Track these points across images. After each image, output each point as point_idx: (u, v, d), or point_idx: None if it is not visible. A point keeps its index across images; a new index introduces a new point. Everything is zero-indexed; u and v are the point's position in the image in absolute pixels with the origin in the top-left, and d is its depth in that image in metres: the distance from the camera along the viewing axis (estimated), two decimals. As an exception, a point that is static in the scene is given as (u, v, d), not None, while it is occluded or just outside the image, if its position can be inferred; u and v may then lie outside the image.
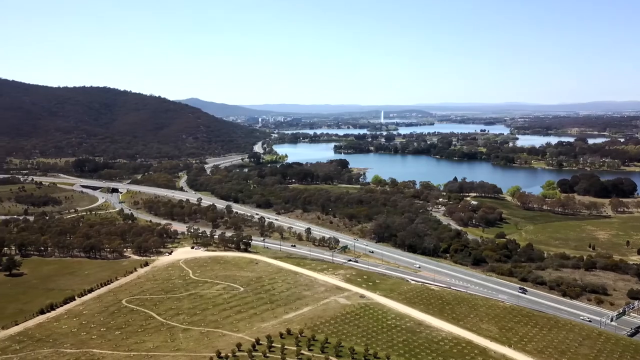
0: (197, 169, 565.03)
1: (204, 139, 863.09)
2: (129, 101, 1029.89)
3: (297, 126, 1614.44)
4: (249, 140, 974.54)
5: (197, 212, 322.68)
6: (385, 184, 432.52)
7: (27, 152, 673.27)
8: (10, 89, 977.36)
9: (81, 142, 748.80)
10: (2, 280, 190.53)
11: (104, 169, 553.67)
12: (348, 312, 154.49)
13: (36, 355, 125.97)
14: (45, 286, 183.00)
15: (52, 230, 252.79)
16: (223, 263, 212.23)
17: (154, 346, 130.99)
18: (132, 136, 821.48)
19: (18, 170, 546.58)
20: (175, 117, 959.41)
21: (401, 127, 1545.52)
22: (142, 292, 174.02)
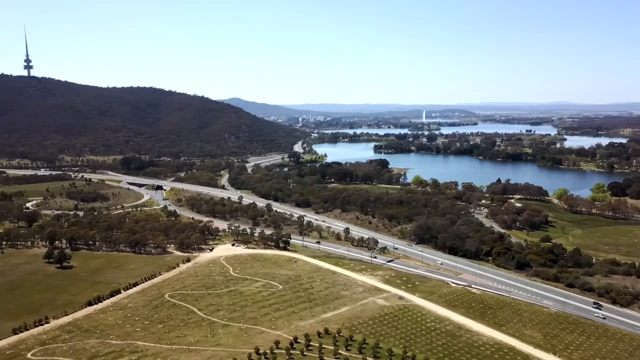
0: (239, 168, 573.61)
1: (246, 138, 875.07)
2: (174, 101, 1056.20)
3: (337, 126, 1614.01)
4: (289, 139, 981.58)
5: (238, 210, 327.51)
6: (427, 185, 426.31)
7: (77, 150, 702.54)
8: (64, 89, 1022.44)
9: (128, 140, 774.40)
10: (54, 272, 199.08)
11: (149, 166, 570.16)
12: (386, 314, 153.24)
13: (84, 345, 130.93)
14: (93, 279, 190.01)
15: (100, 225, 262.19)
16: (262, 261, 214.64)
17: (194, 340, 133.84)
18: (177, 135, 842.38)
19: (69, 167, 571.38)
20: (218, 116, 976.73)
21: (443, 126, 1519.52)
22: (184, 287, 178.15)
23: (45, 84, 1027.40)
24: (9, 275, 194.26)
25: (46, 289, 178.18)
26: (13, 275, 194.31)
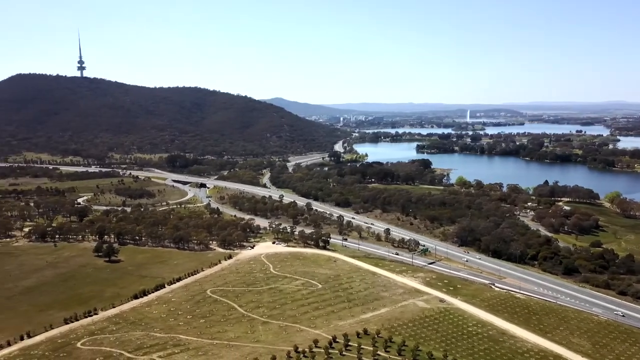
0: (280, 167, 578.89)
1: (287, 138, 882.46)
2: (218, 100, 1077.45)
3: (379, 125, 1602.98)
4: (330, 139, 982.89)
5: (279, 209, 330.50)
6: (470, 186, 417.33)
7: (126, 148, 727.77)
8: (114, 89, 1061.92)
9: (173, 139, 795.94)
10: (103, 265, 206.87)
11: (193, 165, 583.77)
12: (427, 316, 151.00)
13: (129, 337, 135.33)
14: (139, 273, 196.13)
15: (146, 221, 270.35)
16: (302, 259, 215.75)
17: (235, 336, 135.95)
18: (220, 134, 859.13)
19: (118, 165, 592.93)
20: (261, 116, 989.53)
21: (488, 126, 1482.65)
22: (225, 283, 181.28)
23: (97, 85, 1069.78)
24: (61, 267, 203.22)
25: (95, 282, 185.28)
26: (65, 267, 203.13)
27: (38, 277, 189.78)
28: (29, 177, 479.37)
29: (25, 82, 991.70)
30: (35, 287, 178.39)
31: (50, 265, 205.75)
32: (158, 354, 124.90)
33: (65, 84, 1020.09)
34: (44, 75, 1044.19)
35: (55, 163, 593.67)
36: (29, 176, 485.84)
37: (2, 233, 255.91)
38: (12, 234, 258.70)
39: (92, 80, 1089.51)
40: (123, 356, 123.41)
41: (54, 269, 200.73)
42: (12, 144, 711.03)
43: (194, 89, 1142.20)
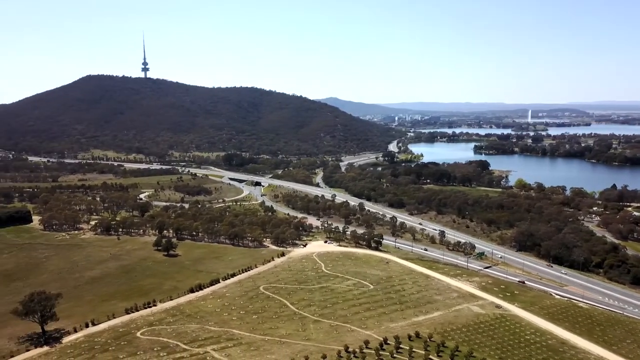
0: (333, 167, 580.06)
1: (341, 137, 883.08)
2: (273, 100, 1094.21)
3: (435, 125, 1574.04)
4: (384, 139, 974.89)
5: (331, 208, 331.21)
6: (530, 189, 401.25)
7: (185, 146, 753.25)
8: (175, 89, 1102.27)
9: (230, 138, 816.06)
10: (162, 259, 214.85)
11: (249, 163, 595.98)
12: (482, 322, 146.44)
13: (185, 329, 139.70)
14: (196, 268, 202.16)
15: (203, 217, 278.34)
16: (354, 259, 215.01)
17: (286, 333, 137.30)
18: (275, 134, 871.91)
19: (177, 162, 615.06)
20: (315, 116, 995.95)
21: (551, 127, 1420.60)
22: (277, 280, 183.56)
23: (159, 85, 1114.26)
24: (123, 259, 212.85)
25: (154, 274, 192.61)
26: (127, 260, 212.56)
27: (102, 268, 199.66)
28: (96, 173, 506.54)
29: (94, 83, 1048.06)
30: (99, 278, 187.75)
31: (114, 257, 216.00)
32: (212, 346, 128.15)
33: (130, 84, 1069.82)
34: (111, 77, 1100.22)
35: (120, 160, 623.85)
36: (96, 172, 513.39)
37: (71, 226, 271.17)
38: (79, 226, 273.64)
39: (155, 81, 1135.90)
40: (179, 347, 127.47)
41: (116, 261, 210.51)
42: (81, 141, 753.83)
43: (251, 89, 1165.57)
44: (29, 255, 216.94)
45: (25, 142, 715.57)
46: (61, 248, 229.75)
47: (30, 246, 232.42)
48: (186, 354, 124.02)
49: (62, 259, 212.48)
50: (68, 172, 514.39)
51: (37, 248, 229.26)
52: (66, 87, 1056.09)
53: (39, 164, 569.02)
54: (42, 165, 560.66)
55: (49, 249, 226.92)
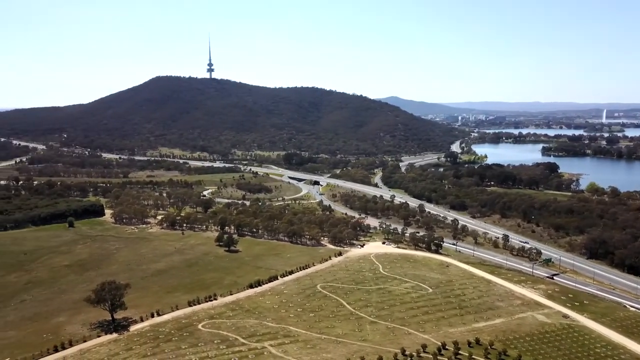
0: (392, 167, 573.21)
1: (401, 137, 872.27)
2: (334, 100, 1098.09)
3: (500, 125, 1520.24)
4: (446, 139, 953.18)
5: (390, 209, 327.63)
6: (604, 193, 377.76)
7: (247, 145, 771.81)
8: (238, 90, 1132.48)
9: (290, 137, 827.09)
10: (223, 254, 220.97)
11: (308, 162, 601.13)
12: (547, 332, 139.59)
13: (244, 324, 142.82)
14: (255, 264, 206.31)
15: (263, 214, 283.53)
16: (413, 262, 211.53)
17: (342, 333, 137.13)
18: (334, 133, 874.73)
19: (239, 161, 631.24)
20: (375, 115, 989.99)
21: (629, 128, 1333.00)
22: (334, 280, 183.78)
23: (223, 85, 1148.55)
24: (187, 253, 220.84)
25: (216, 269, 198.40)
26: (190, 254, 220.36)
27: (167, 261, 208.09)
28: (163, 170, 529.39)
29: (162, 83, 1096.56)
30: (164, 271, 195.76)
31: (178, 251, 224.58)
32: (269, 342, 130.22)
33: (196, 84, 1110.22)
34: (178, 77, 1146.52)
35: (185, 158, 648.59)
36: (163, 169, 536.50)
37: (140, 220, 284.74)
38: (147, 221, 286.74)
39: (219, 82, 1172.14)
40: (238, 341, 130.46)
41: (180, 255, 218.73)
42: (150, 140, 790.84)
43: (311, 89, 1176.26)
44: (101, 247, 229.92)
45: (100, 140, 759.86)
46: (130, 241, 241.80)
47: (102, 238, 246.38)
48: (244, 348, 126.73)
49: (131, 251, 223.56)
50: (138, 168, 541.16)
51: (109, 240, 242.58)
52: (137, 88, 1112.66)
53: (112, 160, 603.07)
54: (114, 162, 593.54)
55: (119, 242, 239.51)
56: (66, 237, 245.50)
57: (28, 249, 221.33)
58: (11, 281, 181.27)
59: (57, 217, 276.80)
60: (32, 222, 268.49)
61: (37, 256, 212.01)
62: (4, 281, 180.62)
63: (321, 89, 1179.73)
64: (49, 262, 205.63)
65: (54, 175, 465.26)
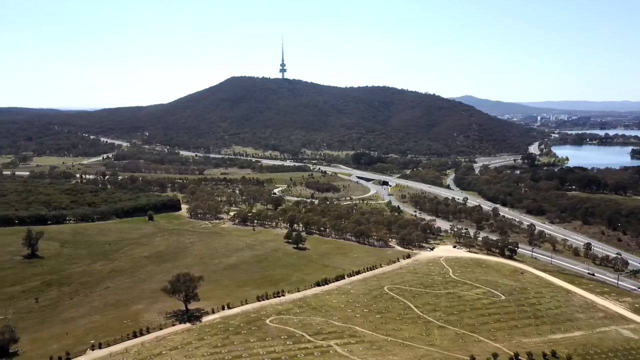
0: (465, 168, 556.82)
1: (475, 138, 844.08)
2: (405, 99, 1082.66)
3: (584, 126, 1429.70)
4: (524, 140, 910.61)
5: (462, 212, 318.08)
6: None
7: (316, 145, 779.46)
8: (309, 89, 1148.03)
9: (360, 137, 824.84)
10: (291, 251, 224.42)
11: (377, 162, 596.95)
12: (633, 348, 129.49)
13: (311, 321, 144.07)
14: (322, 262, 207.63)
15: (331, 213, 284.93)
16: (485, 267, 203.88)
17: (409, 336, 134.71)
18: (405, 133, 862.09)
19: (309, 160, 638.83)
20: (448, 114, 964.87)
21: None
22: (402, 282, 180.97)
23: (295, 85, 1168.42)
24: (257, 249, 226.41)
25: (284, 266, 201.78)
26: (260, 250, 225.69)
27: (238, 256, 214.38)
28: (236, 168, 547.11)
29: (237, 84, 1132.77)
30: (235, 265, 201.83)
31: (249, 246, 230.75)
32: (335, 341, 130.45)
33: (269, 85, 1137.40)
34: (252, 78, 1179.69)
35: (257, 156, 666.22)
36: (236, 167, 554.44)
37: (213, 215, 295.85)
38: (220, 216, 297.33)
39: (291, 82, 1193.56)
40: (304, 338, 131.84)
41: (251, 250, 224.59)
42: (224, 138, 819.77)
43: (382, 88, 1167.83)
44: (178, 240, 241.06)
45: (178, 138, 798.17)
46: (204, 235, 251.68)
47: (178, 232, 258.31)
48: (310, 345, 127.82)
49: (205, 245, 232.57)
50: (212, 166, 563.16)
51: (184, 234, 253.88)
52: (213, 88, 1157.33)
53: (188, 158, 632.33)
54: (191, 159, 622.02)
55: (194, 235, 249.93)
56: (146, 230, 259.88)
57: (112, 240, 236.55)
58: (97, 269, 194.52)
59: (138, 211, 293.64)
60: (116, 215, 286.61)
61: (119, 247, 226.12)
62: (90, 269, 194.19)
63: (392, 88, 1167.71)
64: (130, 252, 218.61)
65: (136, 171, 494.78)
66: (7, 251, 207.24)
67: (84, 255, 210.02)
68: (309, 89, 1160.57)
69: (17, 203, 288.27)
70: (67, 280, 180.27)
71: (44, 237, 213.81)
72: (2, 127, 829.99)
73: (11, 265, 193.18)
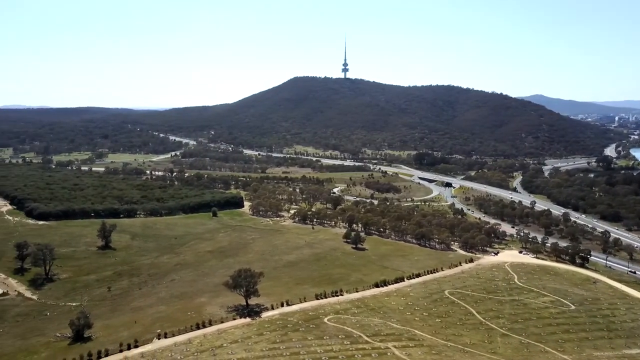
0: (534, 170, 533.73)
1: (545, 139, 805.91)
2: (471, 98, 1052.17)
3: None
4: (599, 141, 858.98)
5: (529, 216, 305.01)
6: None
7: (377, 144, 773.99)
8: (371, 89, 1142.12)
9: (423, 137, 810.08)
10: (350, 251, 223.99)
11: (440, 163, 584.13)
12: None
13: (369, 322, 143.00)
14: (381, 263, 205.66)
15: (391, 214, 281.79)
16: (553, 274, 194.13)
17: (470, 342, 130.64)
18: (470, 133, 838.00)
19: (369, 160, 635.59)
20: (516, 114, 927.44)
21: None
22: (464, 287, 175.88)
23: (357, 85, 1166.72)
24: (316, 247, 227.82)
25: (343, 265, 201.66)
26: (319, 248, 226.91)
27: (297, 254, 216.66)
28: (297, 167, 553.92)
29: (299, 84, 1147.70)
30: (294, 263, 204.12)
31: (308, 245, 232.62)
32: (393, 343, 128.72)
33: (330, 84, 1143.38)
34: (314, 78, 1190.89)
35: (317, 156, 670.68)
36: (297, 166, 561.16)
37: (274, 213, 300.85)
38: (281, 214, 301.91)
39: (353, 81, 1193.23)
40: (362, 339, 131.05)
41: (310, 248, 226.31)
42: (286, 137, 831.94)
43: (447, 87, 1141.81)
44: (240, 236, 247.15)
45: (242, 137, 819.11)
46: (265, 232, 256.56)
47: (240, 228, 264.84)
48: (368, 346, 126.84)
49: (265, 242, 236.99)
50: (274, 164, 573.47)
51: (246, 230, 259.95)
52: (277, 88, 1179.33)
53: (251, 156, 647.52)
54: (253, 157, 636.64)
55: (255, 232, 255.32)
56: (210, 225, 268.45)
57: (178, 234, 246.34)
58: (164, 262, 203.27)
59: (203, 207, 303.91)
60: (183, 210, 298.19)
61: (185, 241, 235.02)
62: (158, 261, 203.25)
63: (457, 87, 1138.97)
64: (194, 247, 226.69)
65: (201, 169, 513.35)
66: (84, 242, 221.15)
67: (152, 248, 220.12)
68: (371, 88, 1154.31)
69: (93, 197, 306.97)
70: (136, 271, 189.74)
71: (116, 229, 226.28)
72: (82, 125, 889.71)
73: (87, 255, 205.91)
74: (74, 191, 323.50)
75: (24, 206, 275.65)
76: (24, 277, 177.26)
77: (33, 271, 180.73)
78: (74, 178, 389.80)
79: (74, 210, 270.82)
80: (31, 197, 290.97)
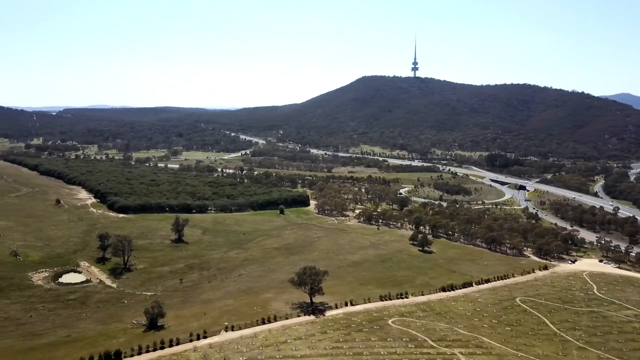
0: (618, 174, 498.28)
1: (631, 140, 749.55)
2: (548, 97, 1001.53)
3: None
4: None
5: (611, 223, 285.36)
6: None
7: (447, 145, 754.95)
8: (442, 88, 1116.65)
9: (495, 137, 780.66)
10: (416, 254, 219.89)
11: (513, 165, 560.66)
12: None
13: (434, 327, 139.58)
14: (449, 267, 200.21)
15: (460, 217, 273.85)
16: (638, 286, 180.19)
17: (542, 353, 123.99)
18: (547, 134, 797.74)
19: (438, 160, 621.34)
20: (598, 114, 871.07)
21: None
22: (537, 295, 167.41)
23: (427, 84, 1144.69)
24: (381, 248, 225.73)
25: (408, 267, 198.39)
26: (384, 249, 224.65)
27: (362, 254, 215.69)
28: (362, 167, 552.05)
29: (367, 83, 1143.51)
30: (359, 263, 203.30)
31: (373, 245, 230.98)
32: (459, 349, 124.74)
33: (399, 83, 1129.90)
34: (383, 77, 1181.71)
35: (384, 156, 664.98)
36: (363, 166, 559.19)
37: (339, 212, 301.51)
38: (346, 213, 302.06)
39: (423, 80, 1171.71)
40: (427, 343, 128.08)
41: (375, 249, 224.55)
42: (353, 137, 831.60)
43: (522, 86, 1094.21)
44: (305, 234, 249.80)
45: (309, 137, 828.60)
46: (330, 231, 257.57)
47: (306, 226, 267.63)
48: (433, 351, 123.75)
49: (330, 241, 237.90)
50: (340, 164, 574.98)
51: (312, 228, 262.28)
52: (344, 88, 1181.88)
53: (318, 156, 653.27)
54: (320, 157, 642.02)
55: (321, 231, 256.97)
56: (277, 223, 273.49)
57: (246, 230, 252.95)
58: (232, 257, 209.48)
59: (271, 204, 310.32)
60: (251, 207, 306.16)
61: (253, 237, 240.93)
62: (227, 256, 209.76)
63: (533, 86, 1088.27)
64: (262, 243, 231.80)
65: (270, 167, 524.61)
66: (159, 235, 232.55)
67: (222, 243, 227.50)
68: (442, 87, 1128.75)
69: (168, 192, 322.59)
70: (206, 265, 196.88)
71: (189, 224, 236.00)
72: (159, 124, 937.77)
73: (161, 247, 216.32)
74: (151, 187, 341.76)
75: (106, 200, 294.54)
76: (105, 266, 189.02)
77: (113, 261, 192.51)
78: (151, 174, 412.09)
79: (151, 204, 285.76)
80: (113, 191, 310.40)
